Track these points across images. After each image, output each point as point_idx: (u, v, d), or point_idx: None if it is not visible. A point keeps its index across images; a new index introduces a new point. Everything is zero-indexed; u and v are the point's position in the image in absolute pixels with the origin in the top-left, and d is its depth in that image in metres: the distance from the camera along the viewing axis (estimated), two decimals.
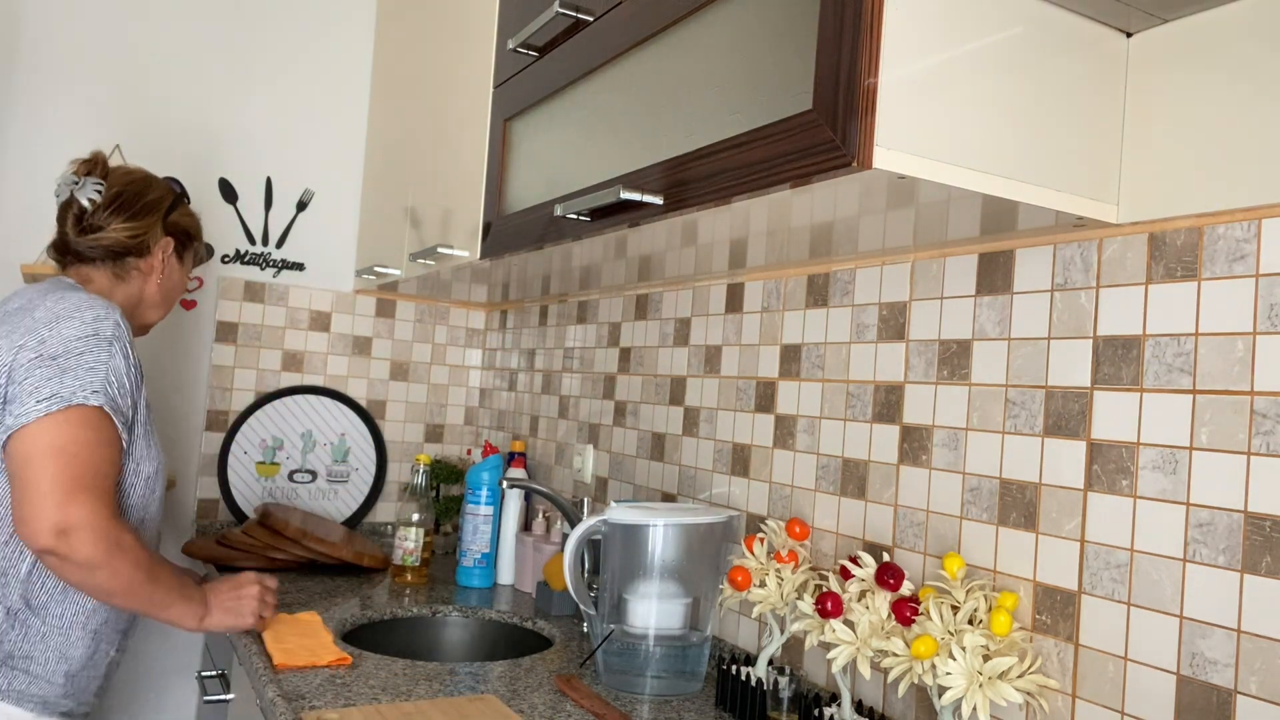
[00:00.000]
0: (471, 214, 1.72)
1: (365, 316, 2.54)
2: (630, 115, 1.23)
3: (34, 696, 1.31)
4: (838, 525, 1.38)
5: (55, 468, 1.23)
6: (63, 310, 1.33)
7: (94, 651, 1.39)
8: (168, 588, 1.34)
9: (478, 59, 1.75)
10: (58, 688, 1.34)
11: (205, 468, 2.34)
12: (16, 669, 1.30)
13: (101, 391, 1.29)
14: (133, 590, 1.28)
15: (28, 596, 1.32)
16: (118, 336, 1.34)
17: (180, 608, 1.36)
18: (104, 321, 1.34)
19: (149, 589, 1.30)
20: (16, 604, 1.31)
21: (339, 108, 2.50)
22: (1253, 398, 0.91)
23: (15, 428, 1.25)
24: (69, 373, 1.27)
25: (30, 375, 1.26)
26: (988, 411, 1.16)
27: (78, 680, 1.38)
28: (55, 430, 1.24)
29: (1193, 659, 0.93)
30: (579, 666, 1.52)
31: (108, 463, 1.29)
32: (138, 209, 1.52)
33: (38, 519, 1.21)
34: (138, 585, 1.28)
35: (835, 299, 1.42)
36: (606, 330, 2.06)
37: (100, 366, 1.30)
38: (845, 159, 0.86)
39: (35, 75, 2.17)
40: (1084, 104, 1.01)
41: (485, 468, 2.07)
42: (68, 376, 1.27)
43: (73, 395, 1.26)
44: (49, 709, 1.33)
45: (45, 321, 1.31)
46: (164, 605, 1.33)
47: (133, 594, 1.29)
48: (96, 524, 1.23)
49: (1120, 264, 1.03)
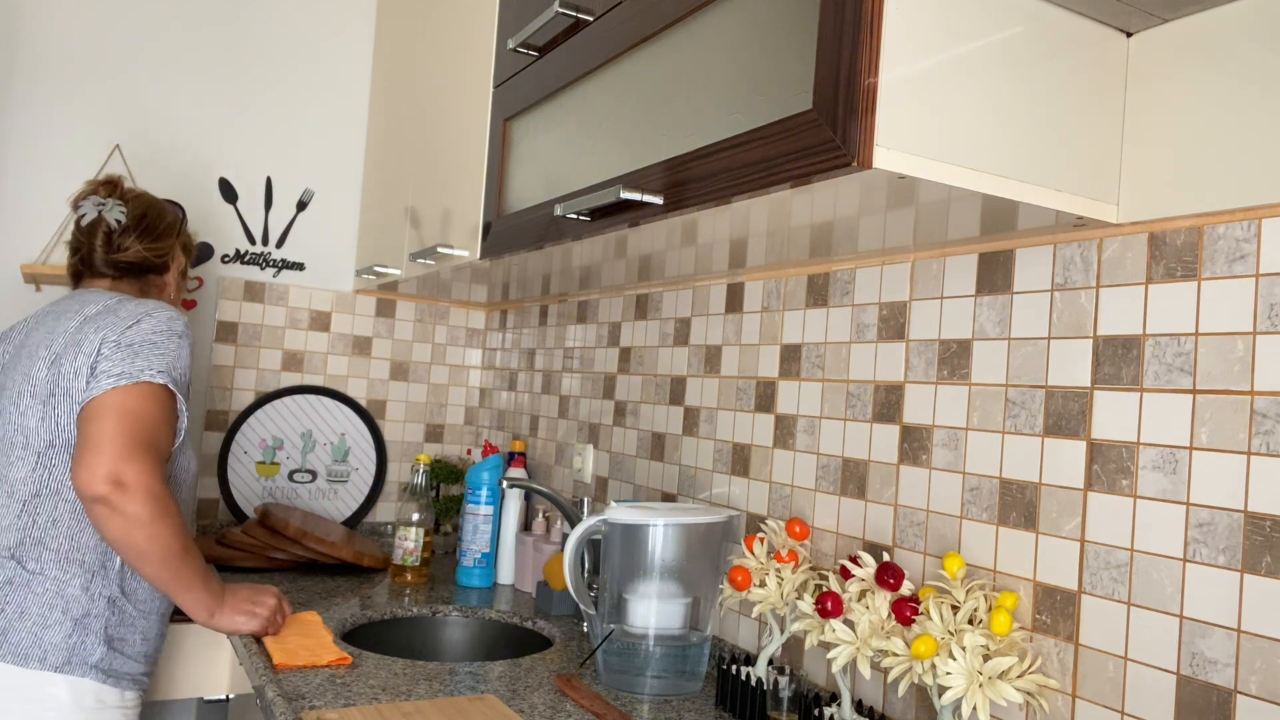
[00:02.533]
0: (471, 214, 1.72)
1: (365, 316, 2.54)
2: (630, 115, 1.23)
3: (128, 675, 1.42)
4: (838, 525, 1.38)
5: (119, 426, 1.33)
6: (144, 310, 1.46)
7: (161, 634, 1.52)
8: (196, 570, 1.40)
9: (478, 59, 1.75)
10: (141, 665, 1.45)
11: (205, 467, 2.34)
12: (117, 651, 1.40)
13: (166, 372, 1.40)
14: (167, 559, 1.35)
15: (123, 586, 1.42)
16: (187, 335, 1.49)
17: (200, 593, 1.42)
18: (178, 321, 1.48)
19: (180, 562, 1.37)
20: (115, 593, 1.41)
21: (339, 108, 2.50)
22: (1253, 398, 0.91)
23: (89, 398, 1.36)
24: (140, 356, 1.40)
25: (110, 358, 1.39)
26: (988, 411, 1.16)
27: (152, 659, 1.50)
28: (123, 396, 1.36)
29: (1193, 659, 0.93)
30: (579, 666, 1.52)
31: (165, 435, 1.40)
32: (160, 231, 1.65)
33: (97, 465, 1.30)
34: (173, 556, 1.35)
35: (835, 299, 1.42)
36: (606, 330, 2.06)
37: (169, 354, 1.43)
38: (845, 159, 0.86)
39: (36, 76, 2.17)
40: (1084, 104, 1.01)
41: (485, 467, 2.07)
42: (139, 359, 1.39)
43: (141, 373, 1.38)
44: (136, 684, 1.45)
45: (128, 318, 1.44)
46: (188, 585, 1.40)
47: (166, 563, 1.35)
48: (150, 484, 1.32)
49: (1120, 264, 1.03)
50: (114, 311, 1.46)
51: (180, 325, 1.49)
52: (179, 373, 1.44)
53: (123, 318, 1.45)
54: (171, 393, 1.42)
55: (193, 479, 1.58)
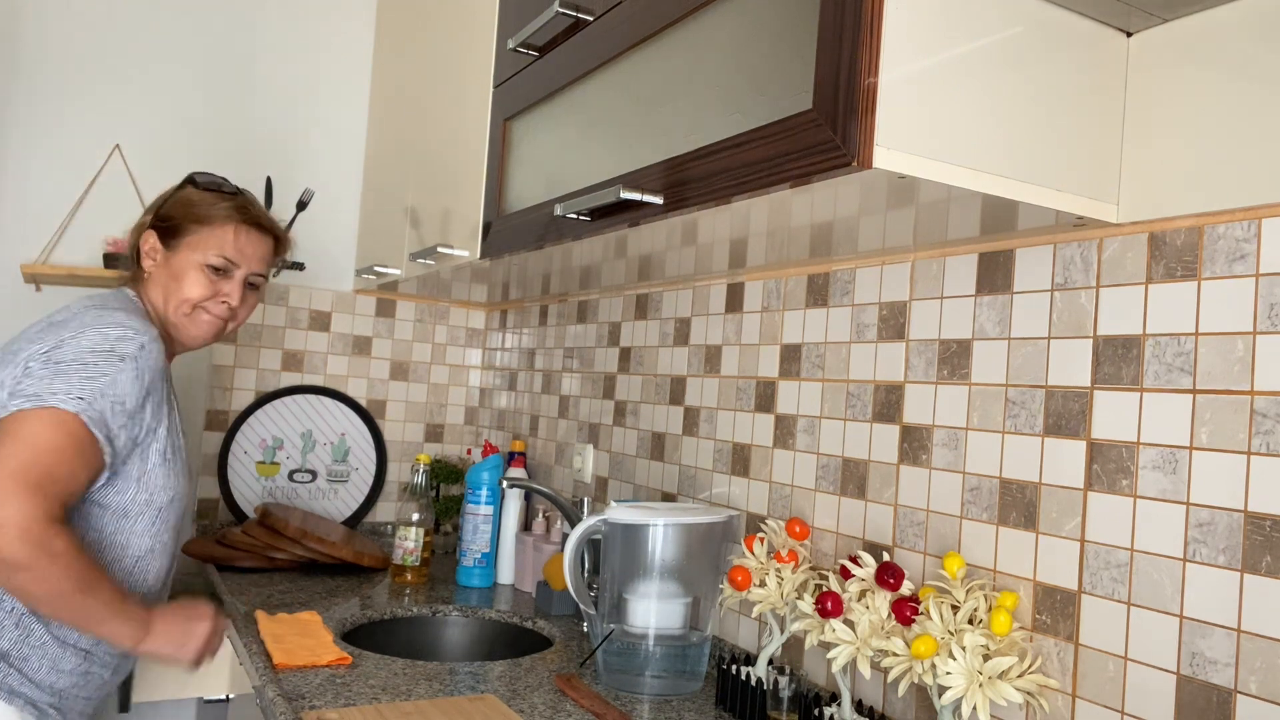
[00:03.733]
0: (471, 214, 1.72)
1: (365, 316, 2.54)
2: (630, 115, 1.23)
3: (23, 696, 1.30)
4: (838, 525, 1.38)
5: (8, 456, 1.19)
6: (91, 322, 1.32)
7: (86, 672, 1.37)
8: (103, 602, 1.27)
9: (478, 59, 1.75)
10: (45, 694, 1.33)
11: (205, 467, 2.34)
12: (12, 666, 1.29)
13: (87, 401, 1.25)
14: (59, 600, 1.23)
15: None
16: (137, 358, 1.31)
17: (115, 625, 1.29)
18: (127, 342, 1.31)
19: (79, 600, 1.24)
20: (23, 607, 1.29)
21: (339, 108, 2.50)
22: (1253, 397, 0.91)
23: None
24: (61, 377, 1.25)
25: (32, 376, 1.26)
26: (988, 411, 1.16)
27: (66, 697, 1.35)
28: (22, 422, 1.22)
29: (1193, 659, 0.93)
30: (579, 666, 1.52)
31: (66, 469, 1.24)
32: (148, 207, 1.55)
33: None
34: (66, 595, 1.22)
35: (835, 299, 1.42)
36: (606, 330, 2.06)
37: (99, 379, 1.27)
38: (845, 159, 0.86)
39: (36, 76, 2.17)
40: (1084, 104, 1.01)
41: (485, 467, 2.07)
42: (58, 380, 1.25)
43: (51, 396, 1.24)
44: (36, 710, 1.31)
45: (68, 331, 1.31)
46: (98, 620, 1.28)
47: (59, 604, 1.23)
48: (25, 524, 1.18)
49: (1120, 264, 1.03)
50: (64, 322, 1.33)
51: (131, 346, 1.31)
52: (110, 400, 1.27)
53: (63, 330, 1.31)
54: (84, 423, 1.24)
55: (172, 508, 1.43)
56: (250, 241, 1.52)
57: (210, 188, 1.52)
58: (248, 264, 1.52)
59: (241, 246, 1.50)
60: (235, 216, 1.50)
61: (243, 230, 1.51)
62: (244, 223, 1.51)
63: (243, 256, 1.50)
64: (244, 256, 1.51)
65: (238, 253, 1.50)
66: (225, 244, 1.48)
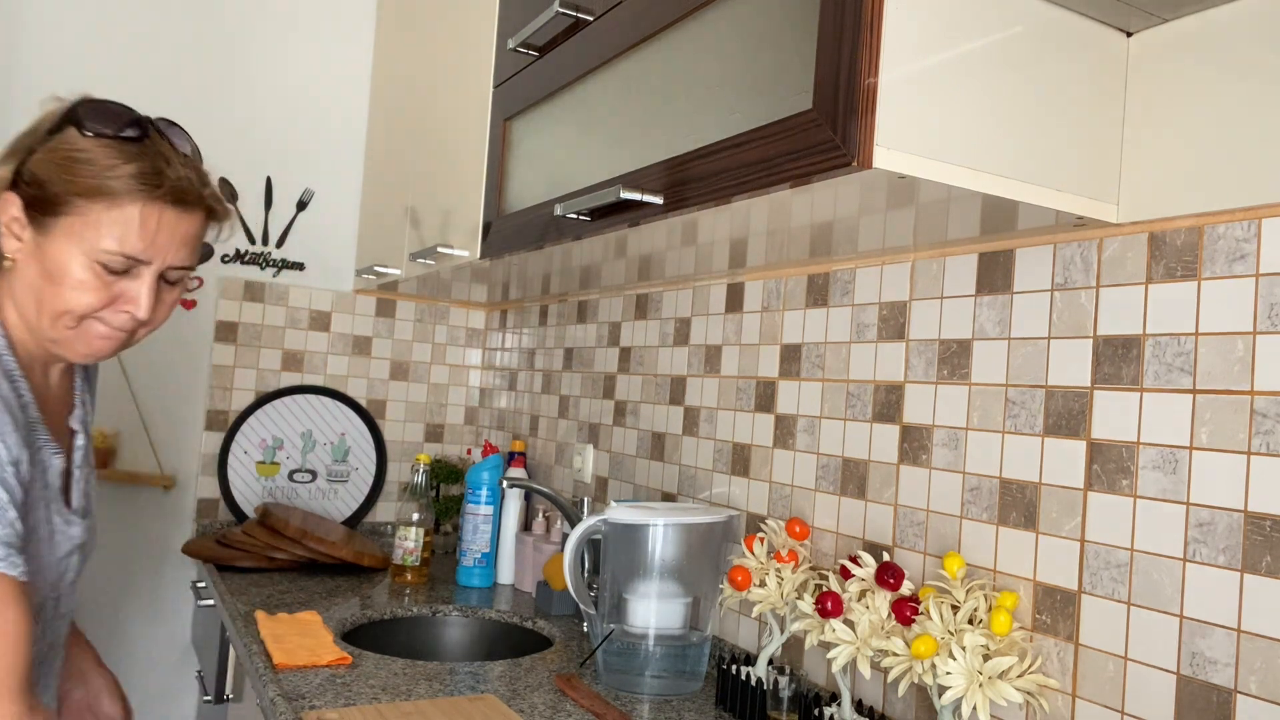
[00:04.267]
0: (471, 214, 1.72)
1: (365, 316, 2.54)
2: (630, 115, 1.23)
3: None
4: (838, 525, 1.38)
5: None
6: None
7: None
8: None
9: (478, 59, 1.75)
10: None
11: (205, 467, 2.34)
12: None
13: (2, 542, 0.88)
14: None
15: None
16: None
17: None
18: None
19: None
20: None
21: (339, 108, 2.50)
22: (1253, 397, 0.91)
23: None
24: None
25: None
26: (988, 411, 1.16)
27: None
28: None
29: (1193, 659, 0.93)
30: (579, 666, 1.52)
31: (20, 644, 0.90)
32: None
33: None
34: None
35: (835, 299, 1.42)
36: (606, 330, 2.06)
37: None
38: (845, 159, 0.86)
39: (35, 75, 2.17)
40: (1084, 104, 1.01)
41: (485, 467, 2.07)
42: None
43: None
44: None
45: None
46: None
47: None
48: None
49: (1120, 264, 1.03)
50: None
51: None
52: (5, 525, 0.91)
53: None
54: None
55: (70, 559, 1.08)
56: (166, 225, 1.02)
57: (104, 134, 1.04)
58: (161, 257, 1.03)
59: (153, 234, 1.01)
60: (143, 191, 1.00)
61: (154, 209, 1.00)
62: (156, 199, 1.00)
63: (154, 248, 1.01)
64: (156, 248, 1.01)
65: (147, 244, 1.01)
66: (128, 233, 0.99)
